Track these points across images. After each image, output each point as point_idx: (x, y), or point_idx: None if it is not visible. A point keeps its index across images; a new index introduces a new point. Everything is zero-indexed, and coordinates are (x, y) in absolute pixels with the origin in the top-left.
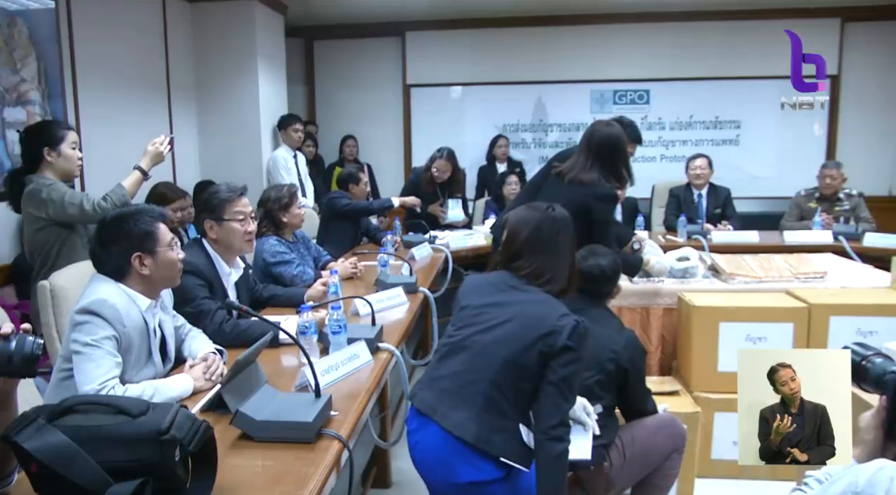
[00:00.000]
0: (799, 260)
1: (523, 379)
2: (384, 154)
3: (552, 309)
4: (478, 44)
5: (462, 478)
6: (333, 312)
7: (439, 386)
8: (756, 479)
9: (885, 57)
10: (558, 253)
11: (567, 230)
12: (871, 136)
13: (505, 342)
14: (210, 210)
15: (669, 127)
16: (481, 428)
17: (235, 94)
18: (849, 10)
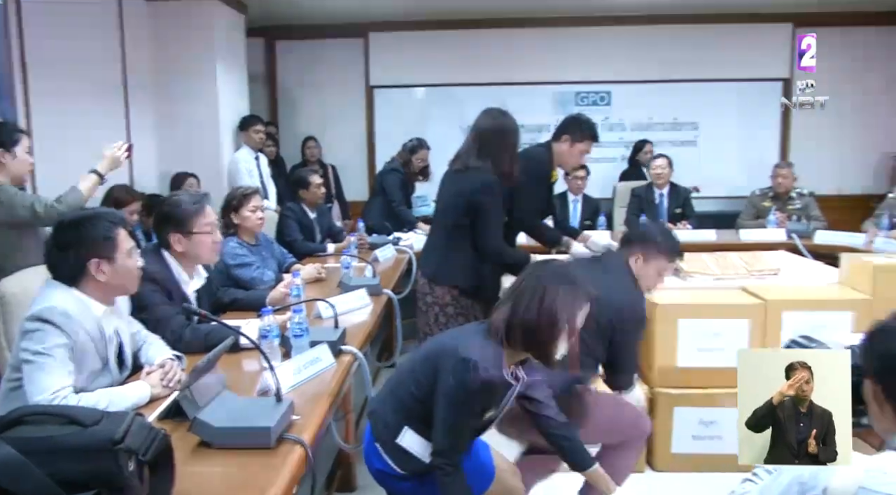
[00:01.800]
0: (754, 257)
1: (416, 387)
2: (347, 155)
3: (469, 342)
4: (441, 45)
5: (373, 465)
6: (295, 315)
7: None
8: (715, 472)
9: (834, 62)
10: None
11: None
12: (821, 138)
13: (420, 352)
14: (177, 223)
15: (630, 128)
16: (379, 409)
17: (194, 95)
18: (800, 16)
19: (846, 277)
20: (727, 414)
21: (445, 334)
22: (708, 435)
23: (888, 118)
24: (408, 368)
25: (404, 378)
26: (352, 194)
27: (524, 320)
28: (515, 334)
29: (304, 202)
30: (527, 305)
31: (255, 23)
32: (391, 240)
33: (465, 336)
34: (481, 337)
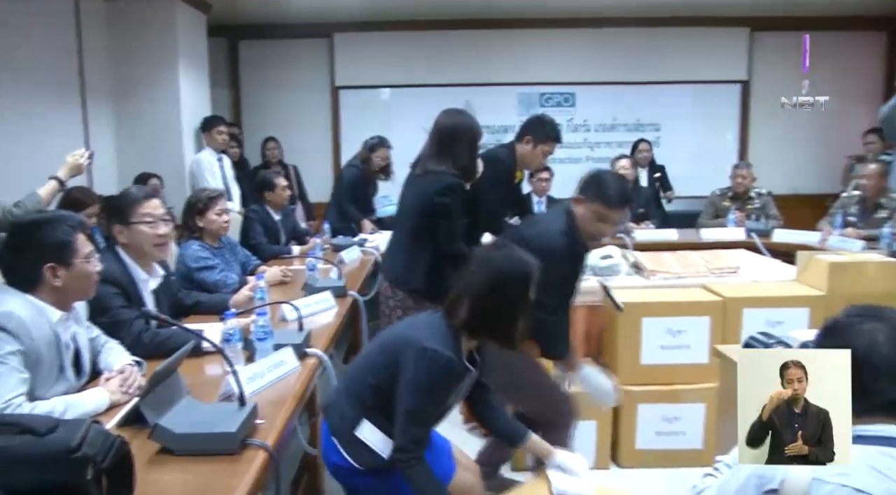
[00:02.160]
0: (714, 256)
1: (374, 378)
2: (312, 156)
3: (425, 332)
4: (407, 46)
5: (331, 460)
6: (259, 318)
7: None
8: (678, 467)
9: (789, 65)
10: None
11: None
12: (778, 139)
13: (376, 344)
14: (118, 213)
15: (594, 129)
16: (335, 401)
17: (155, 96)
18: (757, 20)
19: (802, 275)
20: (690, 410)
21: (402, 324)
22: (671, 431)
23: (841, 120)
24: (364, 360)
25: (361, 370)
26: (318, 195)
27: (483, 307)
28: (476, 322)
29: (269, 204)
30: (483, 292)
31: (218, 22)
32: (357, 241)
33: (423, 325)
34: (439, 326)
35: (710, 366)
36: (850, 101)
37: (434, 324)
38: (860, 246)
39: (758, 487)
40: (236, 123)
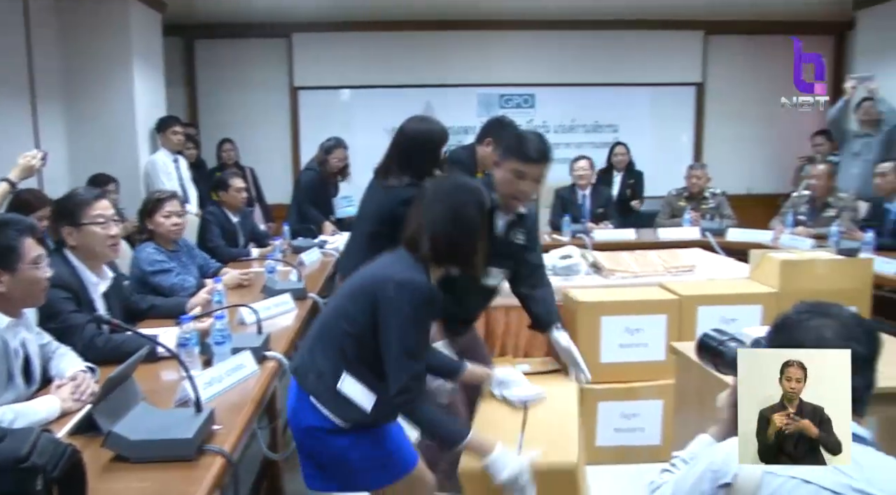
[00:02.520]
0: (670, 255)
1: (353, 325)
2: (271, 157)
3: (401, 266)
4: (366, 47)
5: (304, 422)
6: (216, 322)
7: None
8: (637, 463)
9: (743, 68)
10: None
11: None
12: (732, 140)
13: (349, 287)
14: (67, 215)
15: (553, 130)
16: (306, 362)
17: (109, 96)
18: (711, 24)
19: (755, 272)
20: (648, 406)
21: (368, 268)
22: (630, 428)
23: (792, 122)
24: (336, 312)
25: (333, 322)
26: (277, 197)
27: (445, 236)
28: (440, 252)
29: (224, 205)
30: (443, 222)
31: (173, 21)
32: (316, 243)
33: (390, 263)
34: (406, 260)
35: (667, 363)
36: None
37: (401, 259)
38: (810, 244)
39: (712, 481)
40: (193, 124)
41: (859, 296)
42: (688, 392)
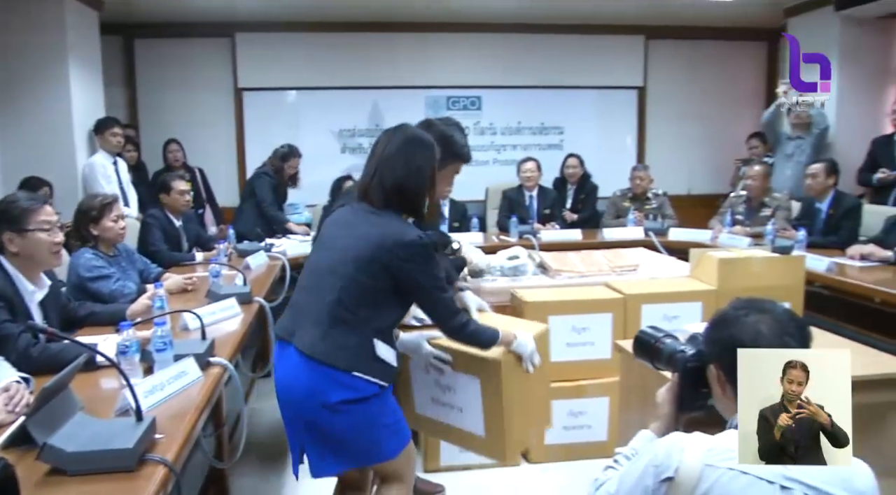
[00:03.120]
0: (615, 254)
1: (370, 293)
2: (216, 159)
3: (397, 229)
4: (312, 48)
5: (332, 399)
6: (158, 328)
7: (295, 310)
8: (585, 459)
9: (683, 71)
10: (397, 167)
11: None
12: (673, 142)
13: (350, 259)
14: (10, 221)
15: (500, 132)
16: (329, 345)
17: (43, 96)
18: (651, 29)
19: (695, 271)
20: (595, 404)
21: (345, 239)
22: (578, 425)
23: (728, 124)
24: (344, 290)
25: (345, 300)
26: (222, 199)
27: (398, 184)
28: (393, 199)
29: (167, 208)
30: (395, 170)
31: (111, 20)
32: (263, 246)
33: (380, 226)
34: (388, 218)
35: (612, 361)
36: (736, 106)
37: (384, 219)
38: (747, 242)
39: (655, 476)
40: (132, 125)
41: (793, 291)
42: (632, 388)
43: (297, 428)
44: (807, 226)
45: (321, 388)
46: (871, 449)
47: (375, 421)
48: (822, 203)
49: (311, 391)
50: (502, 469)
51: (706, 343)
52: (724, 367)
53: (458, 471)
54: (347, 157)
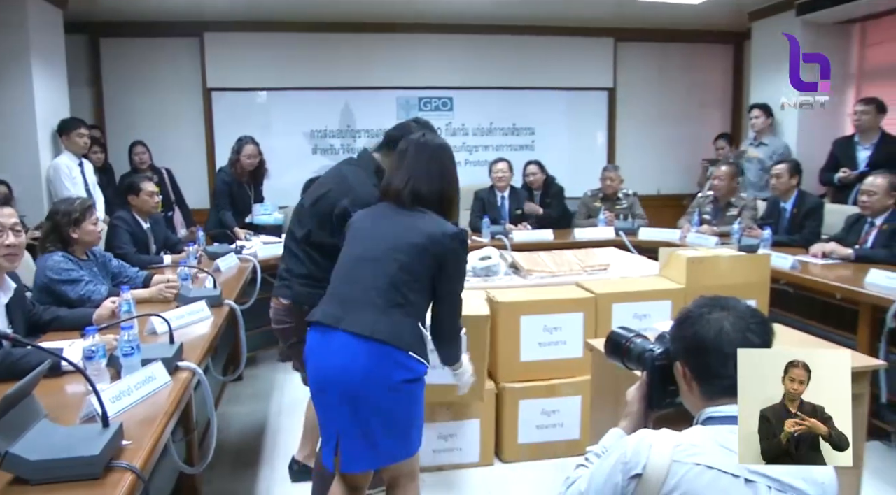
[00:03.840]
0: (586, 254)
1: (419, 279)
2: (185, 161)
3: (438, 222)
4: (283, 48)
5: (395, 378)
6: (124, 333)
7: (339, 298)
8: (558, 458)
9: (651, 73)
10: (432, 175)
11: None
12: (643, 143)
13: (400, 247)
14: None
15: (472, 133)
16: (388, 325)
17: (6, 97)
18: (621, 31)
19: (665, 270)
20: (567, 402)
21: (388, 229)
22: (550, 424)
23: (698, 125)
24: (396, 275)
25: (399, 283)
26: (191, 201)
27: (437, 192)
28: (428, 205)
29: (135, 210)
30: (429, 175)
31: (76, 18)
32: (233, 248)
33: (429, 221)
34: (429, 215)
35: (584, 360)
36: (704, 107)
37: (427, 216)
38: (714, 241)
39: (624, 473)
40: (98, 126)
41: (759, 289)
42: (603, 387)
43: (342, 413)
44: (772, 225)
45: (384, 368)
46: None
47: (421, 404)
48: (787, 203)
49: (372, 371)
50: (476, 468)
51: (672, 341)
52: (690, 364)
53: (431, 472)
54: (319, 158)
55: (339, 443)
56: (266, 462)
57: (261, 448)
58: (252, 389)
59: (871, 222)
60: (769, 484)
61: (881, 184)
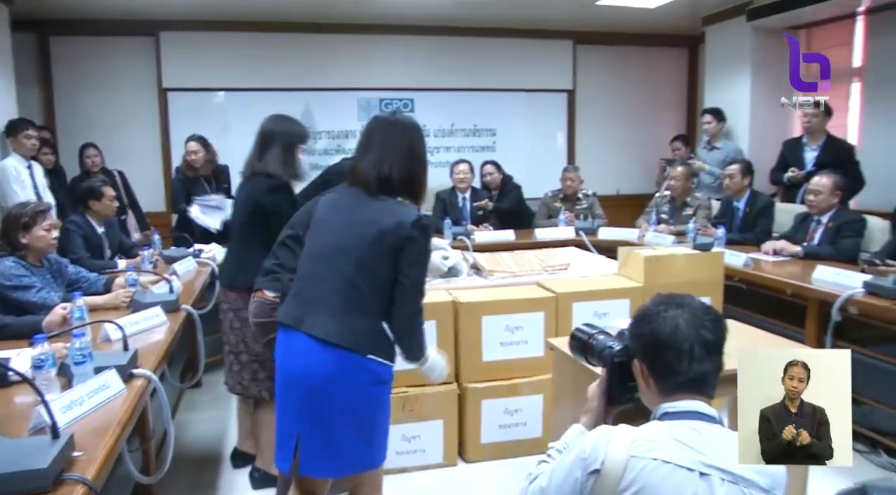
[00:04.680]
0: (547, 254)
1: (377, 278)
2: (140, 163)
3: (399, 210)
4: (242, 48)
5: (358, 381)
6: (76, 340)
7: (300, 297)
8: (521, 456)
9: (610, 75)
10: (403, 157)
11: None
12: (602, 143)
13: (356, 245)
14: None
15: (433, 134)
16: (345, 329)
17: None
18: (580, 34)
19: (623, 268)
20: (529, 401)
21: (346, 224)
22: (513, 423)
23: (655, 126)
24: (350, 275)
25: (357, 283)
26: (147, 204)
27: (406, 173)
28: (396, 186)
29: (94, 215)
30: (398, 158)
31: (24, 16)
32: (191, 252)
33: (387, 209)
34: (390, 202)
35: (545, 359)
36: (661, 109)
37: (388, 203)
38: (671, 240)
39: (583, 468)
40: (48, 127)
41: (713, 286)
42: (564, 385)
43: (304, 413)
44: (725, 223)
45: (346, 372)
46: None
47: (387, 410)
48: (740, 202)
49: (334, 374)
50: (440, 469)
51: (630, 338)
52: (647, 362)
53: (395, 474)
54: None
55: (298, 445)
56: (226, 469)
57: (221, 455)
58: (211, 395)
59: (818, 220)
60: (722, 477)
61: (826, 183)
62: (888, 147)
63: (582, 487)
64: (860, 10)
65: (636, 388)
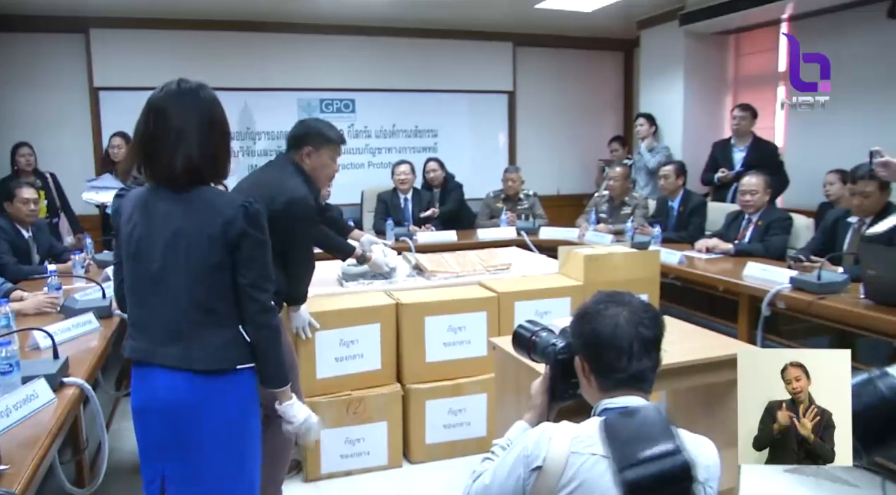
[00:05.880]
0: (489, 254)
1: (219, 284)
2: (71, 163)
3: (219, 200)
4: (176, 46)
5: (228, 404)
6: (1, 349)
7: (143, 328)
8: (466, 456)
9: (549, 77)
10: (202, 133)
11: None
12: (542, 144)
13: (183, 256)
14: None
15: (375, 135)
16: (203, 351)
17: None
18: (519, 36)
19: (564, 267)
20: (473, 401)
21: (165, 238)
22: (457, 423)
23: (593, 127)
24: (194, 288)
25: (203, 295)
26: (79, 207)
27: (212, 153)
28: (205, 171)
29: (11, 218)
30: (199, 134)
31: None
32: None
33: (194, 210)
34: (200, 192)
35: (488, 358)
36: (599, 111)
37: (199, 197)
38: (610, 239)
39: (526, 465)
40: None
41: (650, 283)
42: (506, 383)
43: (169, 453)
44: (661, 222)
45: (214, 398)
46: (718, 421)
47: (258, 439)
48: (674, 201)
49: (200, 404)
50: (384, 471)
51: (572, 336)
52: (588, 359)
53: (339, 478)
54: None
55: (163, 486)
56: None
57: None
58: None
59: (749, 218)
60: None
61: (758, 182)
62: (811, 148)
63: (525, 484)
64: (784, 16)
65: (578, 385)
